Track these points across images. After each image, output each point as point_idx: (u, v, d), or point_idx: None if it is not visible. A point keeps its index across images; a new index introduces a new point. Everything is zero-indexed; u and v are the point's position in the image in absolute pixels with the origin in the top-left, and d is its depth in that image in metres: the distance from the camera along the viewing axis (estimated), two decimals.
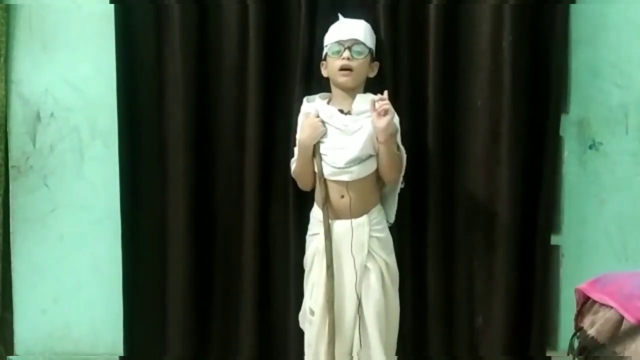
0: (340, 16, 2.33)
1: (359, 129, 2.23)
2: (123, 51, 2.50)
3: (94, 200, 2.66)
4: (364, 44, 2.27)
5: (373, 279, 2.24)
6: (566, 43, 2.56)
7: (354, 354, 2.22)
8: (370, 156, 2.25)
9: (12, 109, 2.64)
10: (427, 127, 2.49)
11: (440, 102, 2.49)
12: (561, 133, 2.60)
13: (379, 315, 2.23)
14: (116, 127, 2.52)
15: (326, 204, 2.24)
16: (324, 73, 2.34)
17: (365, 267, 2.24)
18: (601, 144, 2.66)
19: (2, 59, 2.59)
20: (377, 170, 2.28)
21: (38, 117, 2.65)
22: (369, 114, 2.20)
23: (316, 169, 2.28)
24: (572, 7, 2.53)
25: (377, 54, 2.36)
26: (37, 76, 2.63)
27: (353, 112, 2.26)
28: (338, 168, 2.23)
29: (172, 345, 2.56)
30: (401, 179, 2.33)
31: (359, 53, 2.26)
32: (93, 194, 2.66)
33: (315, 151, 2.27)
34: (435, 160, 2.49)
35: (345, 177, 2.23)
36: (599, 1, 2.60)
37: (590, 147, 2.66)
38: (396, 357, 2.39)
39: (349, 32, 2.27)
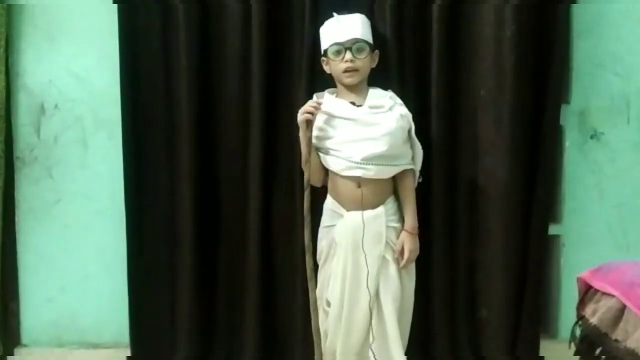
0: (334, 14, 2.27)
1: (378, 123, 2.20)
2: (126, 42, 2.50)
3: (99, 190, 2.67)
4: (363, 40, 2.24)
5: (392, 270, 2.22)
6: (568, 33, 2.57)
7: (372, 346, 2.17)
8: (393, 160, 2.21)
9: (17, 100, 2.65)
10: (430, 115, 2.50)
11: (444, 92, 2.50)
12: (562, 123, 2.61)
13: (397, 306, 2.20)
14: (120, 117, 2.52)
15: (309, 187, 2.19)
16: (327, 69, 2.31)
17: (384, 258, 2.21)
18: (602, 133, 2.67)
19: (3, 50, 2.59)
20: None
21: (42, 109, 2.65)
22: (384, 109, 2.21)
23: (306, 149, 2.20)
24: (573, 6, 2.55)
25: (375, 42, 2.31)
26: (41, 67, 2.64)
27: (366, 105, 2.24)
28: (353, 162, 2.19)
29: (179, 336, 2.58)
30: (418, 173, 2.33)
31: (360, 51, 2.23)
32: (97, 184, 2.67)
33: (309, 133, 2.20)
34: (438, 150, 2.50)
35: (358, 173, 2.19)
36: (600, 1, 2.61)
37: (591, 137, 2.67)
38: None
39: (346, 31, 2.22)
